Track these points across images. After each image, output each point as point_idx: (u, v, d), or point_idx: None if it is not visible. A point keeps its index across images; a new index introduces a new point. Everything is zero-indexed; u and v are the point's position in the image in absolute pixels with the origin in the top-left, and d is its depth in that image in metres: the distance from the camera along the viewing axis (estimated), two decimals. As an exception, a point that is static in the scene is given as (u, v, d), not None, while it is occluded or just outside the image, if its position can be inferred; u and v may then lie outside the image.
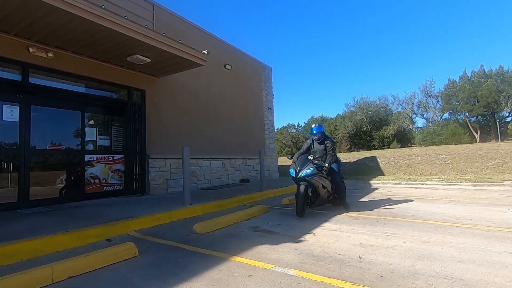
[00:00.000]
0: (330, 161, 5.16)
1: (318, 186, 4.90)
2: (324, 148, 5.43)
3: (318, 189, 4.93)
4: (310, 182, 4.80)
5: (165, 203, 5.69)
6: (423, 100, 33.26)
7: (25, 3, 4.25)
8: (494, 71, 30.04)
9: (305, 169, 4.80)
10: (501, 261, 2.68)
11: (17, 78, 5.41)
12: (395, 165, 14.21)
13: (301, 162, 4.96)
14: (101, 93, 6.82)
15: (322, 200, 5.11)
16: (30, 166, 5.46)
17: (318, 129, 5.48)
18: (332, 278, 2.40)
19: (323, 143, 5.43)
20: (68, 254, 3.05)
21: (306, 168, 4.80)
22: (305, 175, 4.76)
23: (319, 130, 5.46)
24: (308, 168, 4.79)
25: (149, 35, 5.66)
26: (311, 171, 4.76)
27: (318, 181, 4.86)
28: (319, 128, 5.49)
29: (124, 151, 7.05)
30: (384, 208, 5.51)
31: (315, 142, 5.51)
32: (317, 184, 4.88)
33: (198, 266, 2.77)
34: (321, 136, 5.45)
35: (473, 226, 4.00)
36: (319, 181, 4.88)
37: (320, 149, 5.46)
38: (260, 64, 12.62)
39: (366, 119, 32.80)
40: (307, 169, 4.78)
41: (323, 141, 5.44)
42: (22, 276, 2.31)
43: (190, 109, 8.82)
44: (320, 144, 5.46)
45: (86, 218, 4.33)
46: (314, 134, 5.46)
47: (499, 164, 11.57)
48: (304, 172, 4.78)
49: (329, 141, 5.40)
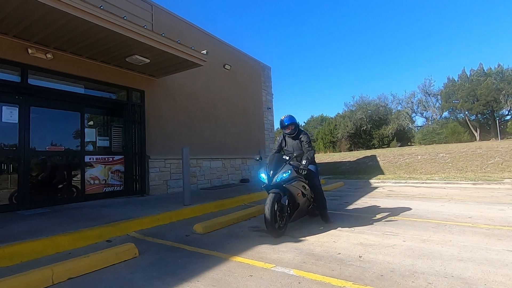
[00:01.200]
0: (308, 158, 4.11)
1: (297, 194, 3.84)
2: (298, 144, 4.43)
3: (297, 198, 3.86)
4: (287, 190, 3.75)
5: (165, 204, 5.68)
6: (422, 99, 33.33)
7: (23, 4, 4.25)
8: (493, 69, 30.07)
9: (281, 172, 3.77)
10: (501, 259, 2.68)
11: (16, 79, 5.40)
12: (395, 164, 14.22)
13: (274, 163, 3.90)
14: (100, 94, 6.82)
15: (301, 211, 4.04)
16: (29, 167, 5.46)
17: (290, 119, 4.38)
18: (332, 278, 2.40)
19: (297, 138, 4.43)
20: (68, 256, 3.04)
21: (282, 171, 3.77)
22: (281, 180, 3.72)
23: (290, 121, 4.37)
24: (285, 171, 3.77)
25: (148, 35, 5.65)
26: (288, 175, 3.75)
27: (297, 187, 3.86)
28: (290, 119, 4.39)
29: (124, 152, 7.05)
30: (384, 207, 5.51)
31: (288, 137, 4.52)
32: (297, 191, 3.84)
33: (198, 266, 2.76)
34: (295, 129, 4.41)
35: (473, 224, 4.01)
36: (297, 187, 3.88)
37: (294, 145, 4.44)
38: (259, 64, 12.61)
39: (366, 118, 32.83)
40: (283, 173, 3.76)
41: (297, 135, 4.45)
42: (22, 278, 2.31)
43: (190, 109, 8.82)
44: (294, 140, 4.45)
45: (86, 219, 4.33)
46: (286, 127, 4.39)
47: (498, 163, 11.58)
48: (279, 177, 3.73)
49: (304, 135, 4.43)
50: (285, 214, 3.75)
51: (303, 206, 4.01)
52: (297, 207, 3.92)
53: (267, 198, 3.61)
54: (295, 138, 4.44)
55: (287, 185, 3.75)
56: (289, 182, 3.78)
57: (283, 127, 4.41)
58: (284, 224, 3.74)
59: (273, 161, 3.92)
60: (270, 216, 3.49)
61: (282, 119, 4.43)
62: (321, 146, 35.61)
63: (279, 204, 3.67)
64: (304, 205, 4.02)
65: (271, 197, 3.60)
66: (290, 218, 3.88)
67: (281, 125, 4.44)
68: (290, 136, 4.45)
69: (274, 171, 3.78)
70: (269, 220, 3.51)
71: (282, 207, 3.70)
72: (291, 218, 3.91)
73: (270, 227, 3.53)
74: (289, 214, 3.83)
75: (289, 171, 3.78)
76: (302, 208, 4.00)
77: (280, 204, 3.68)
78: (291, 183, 3.79)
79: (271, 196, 3.62)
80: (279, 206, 3.67)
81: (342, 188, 9.09)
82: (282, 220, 3.72)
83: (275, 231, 3.57)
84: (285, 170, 3.79)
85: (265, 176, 3.82)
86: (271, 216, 3.50)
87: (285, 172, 3.77)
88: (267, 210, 3.51)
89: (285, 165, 3.89)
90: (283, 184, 3.73)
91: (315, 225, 4.24)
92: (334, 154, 24.10)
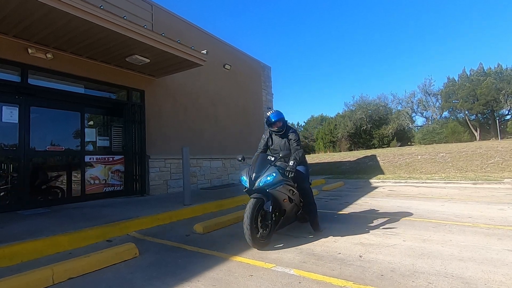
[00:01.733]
0: (296, 158, 3.68)
1: (283, 200, 3.40)
2: (286, 143, 3.98)
3: (283, 204, 3.42)
4: (272, 195, 3.31)
5: (165, 204, 5.69)
6: (422, 98, 33.34)
7: (23, 4, 4.25)
8: (493, 69, 30.08)
9: (265, 175, 3.32)
10: (501, 259, 2.68)
11: (17, 79, 5.40)
12: (395, 164, 14.21)
13: (258, 164, 3.45)
14: (100, 93, 6.82)
15: (288, 218, 3.62)
16: (29, 167, 5.46)
17: (277, 115, 3.95)
18: (332, 277, 2.40)
19: (285, 136, 4.00)
20: (68, 255, 3.04)
21: (266, 174, 3.32)
22: (264, 184, 3.27)
23: (278, 117, 3.94)
24: (269, 174, 3.32)
25: (148, 35, 5.65)
26: (273, 178, 3.29)
27: (283, 192, 3.39)
28: (278, 115, 3.96)
29: (124, 152, 7.05)
30: (384, 207, 5.51)
31: (275, 135, 4.07)
32: (282, 196, 3.39)
33: (199, 266, 2.77)
34: (283, 126, 3.98)
35: (473, 224, 4.01)
36: (284, 192, 3.40)
37: (282, 144, 3.99)
38: (259, 63, 12.61)
39: (366, 118, 32.83)
40: (267, 176, 3.30)
41: (285, 133, 4.01)
42: (23, 278, 2.31)
43: (190, 109, 8.82)
44: (282, 138, 4.01)
45: (86, 219, 4.33)
46: (273, 124, 3.95)
47: (498, 162, 11.58)
48: (263, 180, 3.28)
49: (292, 133, 3.99)
50: (269, 222, 3.31)
51: (290, 213, 3.57)
52: (283, 213, 3.51)
53: (247, 204, 3.18)
54: (283, 137, 4.00)
55: (272, 190, 3.30)
56: (274, 186, 3.31)
57: (270, 124, 3.97)
58: (268, 234, 3.33)
59: (256, 162, 3.48)
60: (250, 225, 3.05)
61: (268, 115, 4.00)
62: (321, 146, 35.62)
63: (261, 210, 3.26)
64: (291, 212, 3.59)
65: (251, 203, 3.16)
66: (275, 226, 3.48)
67: (268, 122, 4.02)
68: (277, 134, 4.01)
69: (257, 173, 3.35)
70: (248, 230, 3.05)
71: (265, 214, 3.29)
72: (277, 226, 3.51)
73: (250, 237, 3.06)
74: (274, 221, 3.44)
75: (274, 174, 3.32)
76: (289, 215, 3.57)
77: (263, 211, 3.27)
78: (276, 187, 3.33)
79: (251, 202, 3.19)
80: (261, 213, 3.27)
81: (342, 188, 9.09)
82: (266, 229, 3.30)
83: (257, 243, 3.14)
84: (269, 172, 3.33)
85: (247, 178, 3.37)
86: (251, 225, 3.06)
87: (269, 175, 3.31)
88: (247, 219, 3.07)
89: (270, 167, 3.42)
90: (266, 189, 3.28)
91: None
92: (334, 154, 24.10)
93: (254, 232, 3.11)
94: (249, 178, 3.35)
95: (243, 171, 3.50)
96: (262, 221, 3.30)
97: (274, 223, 3.43)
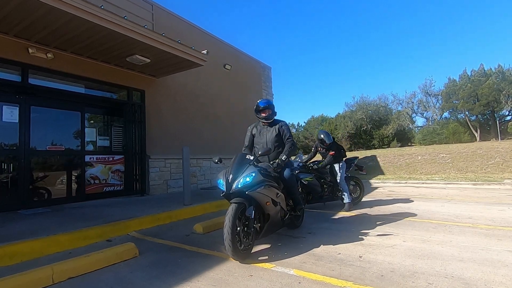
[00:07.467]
0: (288, 152, 3.37)
1: (266, 203, 3.06)
2: (276, 136, 3.61)
3: (266, 208, 3.09)
4: (252, 198, 2.98)
5: (165, 203, 5.68)
6: (423, 99, 33.28)
7: (24, 4, 4.25)
8: (493, 70, 30.06)
9: (243, 175, 2.98)
10: (501, 259, 2.68)
11: (17, 79, 5.40)
12: (395, 164, 14.20)
13: (235, 164, 3.10)
14: (100, 93, 6.82)
15: (274, 224, 3.25)
16: (30, 167, 5.46)
17: (266, 102, 3.70)
18: (332, 278, 2.40)
19: (273, 126, 3.70)
20: (68, 255, 3.04)
21: (244, 174, 2.99)
22: (243, 186, 2.93)
23: (267, 103, 3.68)
24: (247, 174, 2.98)
25: (148, 35, 5.65)
26: (252, 178, 2.95)
27: (265, 194, 3.04)
28: (267, 102, 3.72)
29: (124, 152, 7.05)
30: (384, 207, 5.51)
31: (262, 125, 3.77)
32: (265, 199, 3.05)
33: (199, 266, 2.76)
34: (271, 115, 3.67)
35: (473, 225, 4.00)
36: (266, 194, 3.06)
37: (270, 138, 3.63)
38: (259, 63, 12.61)
39: (366, 119, 32.79)
40: (246, 176, 2.97)
41: (273, 123, 3.71)
42: (23, 277, 2.31)
43: (190, 109, 8.82)
44: (270, 126, 3.70)
45: (86, 218, 4.32)
46: (261, 110, 3.64)
47: (499, 163, 11.57)
48: (242, 182, 2.95)
49: (284, 124, 3.73)
50: (252, 230, 2.96)
51: (275, 218, 3.21)
52: (267, 219, 3.14)
53: (227, 211, 2.84)
54: (271, 125, 3.70)
55: (252, 192, 2.92)
56: (254, 188, 2.94)
57: (258, 111, 3.70)
58: (251, 242, 2.96)
59: (234, 163, 3.13)
60: (231, 234, 2.68)
61: (257, 102, 3.76)
62: (321, 146, 35.47)
63: (243, 217, 2.90)
64: (276, 216, 3.24)
65: (232, 210, 2.82)
66: (260, 233, 3.11)
67: (256, 110, 3.73)
68: (266, 122, 3.71)
69: (234, 175, 3.00)
70: (229, 241, 2.68)
71: (247, 221, 2.94)
72: (261, 234, 3.13)
73: (231, 249, 2.70)
74: (257, 228, 3.08)
75: (253, 174, 2.97)
76: (274, 220, 3.21)
77: (244, 218, 2.92)
78: (256, 189, 2.95)
79: (232, 207, 2.84)
80: (243, 221, 2.90)
81: (342, 188, 9.06)
82: (248, 237, 2.92)
83: (239, 254, 2.76)
84: (248, 173, 2.98)
85: (224, 181, 3.03)
86: (232, 234, 2.69)
87: (248, 175, 2.96)
88: (227, 228, 2.72)
89: (249, 166, 3.08)
90: (245, 191, 2.92)
91: (315, 224, 4.23)
92: (334, 154, 24.01)
93: (235, 243, 2.73)
94: (225, 180, 3.01)
95: (220, 174, 3.16)
96: (245, 229, 2.92)
97: (256, 231, 3.07)
